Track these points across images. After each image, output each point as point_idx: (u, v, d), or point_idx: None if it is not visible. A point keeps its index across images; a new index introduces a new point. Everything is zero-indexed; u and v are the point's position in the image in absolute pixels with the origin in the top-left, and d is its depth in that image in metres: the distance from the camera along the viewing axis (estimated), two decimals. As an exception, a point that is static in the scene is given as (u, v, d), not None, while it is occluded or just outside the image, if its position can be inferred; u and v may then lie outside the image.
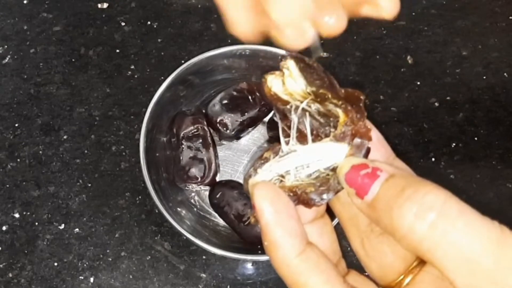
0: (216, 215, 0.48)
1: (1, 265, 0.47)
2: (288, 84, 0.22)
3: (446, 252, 0.17)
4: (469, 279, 0.17)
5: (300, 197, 0.21)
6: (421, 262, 0.22)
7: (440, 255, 0.17)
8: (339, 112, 0.21)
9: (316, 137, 0.21)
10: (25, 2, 0.58)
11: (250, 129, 0.50)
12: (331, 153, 0.21)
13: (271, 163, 0.21)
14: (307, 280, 0.19)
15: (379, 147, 0.23)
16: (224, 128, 0.48)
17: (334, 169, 0.21)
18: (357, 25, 0.57)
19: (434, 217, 0.17)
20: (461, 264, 0.17)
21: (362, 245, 0.22)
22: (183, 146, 0.47)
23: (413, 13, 0.58)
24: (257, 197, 0.20)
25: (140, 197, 0.50)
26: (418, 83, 0.55)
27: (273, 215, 0.19)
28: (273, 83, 0.22)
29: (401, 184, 0.18)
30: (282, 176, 0.21)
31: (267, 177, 0.21)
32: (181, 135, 0.47)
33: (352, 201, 0.20)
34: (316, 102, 0.21)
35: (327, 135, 0.21)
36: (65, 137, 0.52)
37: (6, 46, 0.56)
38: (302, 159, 0.21)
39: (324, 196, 0.21)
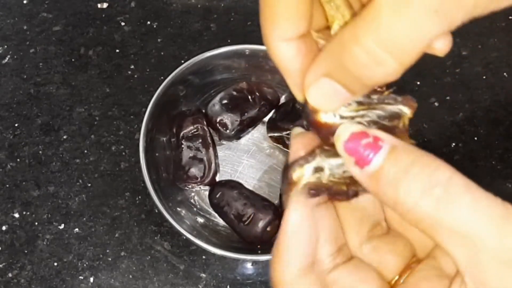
0: (216, 215, 0.48)
1: (1, 265, 0.47)
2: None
3: (451, 228, 0.17)
4: (473, 257, 0.16)
5: (332, 192, 0.20)
6: (418, 259, 0.22)
7: (444, 231, 0.17)
8: (402, 108, 0.20)
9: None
10: (25, 2, 0.58)
11: (250, 129, 0.50)
12: None
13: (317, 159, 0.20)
14: None
15: None
16: (224, 128, 0.48)
17: None
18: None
19: (441, 193, 0.17)
20: (465, 241, 0.16)
21: (361, 247, 0.22)
22: (183, 146, 0.47)
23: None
24: (290, 210, 0.20)
25: (140, 197, 0.50)
26: (418, 83, 0.55)
27: (294, 229, 0.20)
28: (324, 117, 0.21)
29: (407, 159, 0.18)
30: (321, 170, 0.20)
31: (310, 171, 0.20)
32: (181, 135, 0.47)
33: (349, 169, 0.19)
34: (371, 109, 0.21)
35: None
36: (65, 137, 0.52)
37: (6, 46, 0.56)
38: (342, 162, 0.21)
39: (354, 193, 0.21)
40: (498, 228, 0.16)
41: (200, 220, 0.48)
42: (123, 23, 0.57)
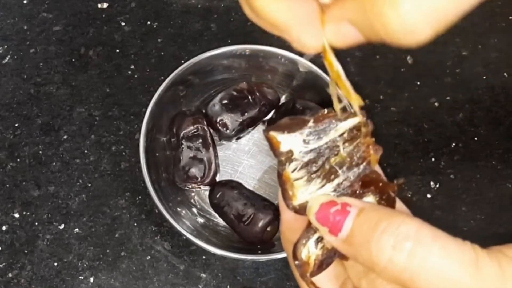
0: (216, 215, 0.48)
1: (1, 265, 0.47)
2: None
3: (427, 277, 0.17)
4: None
5: (340, 253, 0.21)
6: None
7: (422, 281, 0.17)
8: (352, 120, 0.21)
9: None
10: (25, 2, 0.58)
11: (250, 129, 0.50)
12: None
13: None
14: None
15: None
16: (224, 128, 0.48)
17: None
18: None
19: (411, 246, 0.17)
20: (442, 285, 0.17)
21: (360, 282, 0.23)
22: (183, 146, 0.47)
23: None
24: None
25: (140, 197, 0.50)
26: (418, 83, 0.55)
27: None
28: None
29: (374, 218, 0.18)
30: (321, 239, 0.21)
31: (313, 245, 0.21)
32: (181, 135, 0.47)
33: (326, 239, 0.20)
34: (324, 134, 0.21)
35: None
36: (65, 137, 0.52)
37: (6, 46, 0.56)
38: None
39: None
40: (470, 269, 0.17)
41: (200, 220, 0.48)
42: (123, 23, 0.57)
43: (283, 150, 0.20)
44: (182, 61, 0.48)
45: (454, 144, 0.53)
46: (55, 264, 0.48)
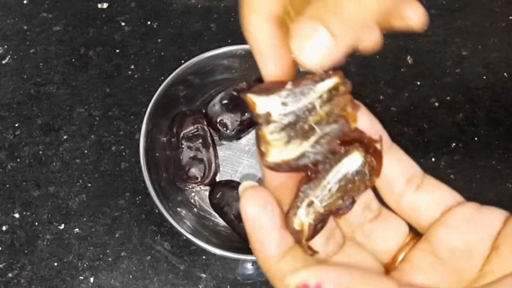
0: (216, 215, 0.48)
1: (1, 265, 0.47)
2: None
3: None
4: None
5: (333, 213, 0.21)
6: (412, 239, 0.23)
7: None
8: (330, 80, 0.21)
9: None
10: (25, 2, 0.58)
11: (250, 129, 0.50)
12: (348, 166, 0.21)
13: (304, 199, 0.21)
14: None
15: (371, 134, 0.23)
16: (224, 128, 0.48)
17: (352, 178, 0.21)
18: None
19: None
20: None
21: (353, 234, 0.23)
22: (183, 146, 0.47)
23: (413, 13, 0.58)
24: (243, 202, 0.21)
25: (140, 197, 0.50)
26: (418, 83, 0.55)
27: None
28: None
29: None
30: (311, 204, 0.21)
31: (305, 213, 0.21)
32: (181, 135, 0.47)
33: None
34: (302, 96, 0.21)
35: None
36: (65, 137, 0.52)
37: (6, 46, 0.56)
38: (327, 185, 0.21)
39: (350, 202, 0.21)
40: None
41: (200, 220, 0.48)
42: (123, 23, 0.57)
43: (260, 112, 0.20)
44: (182, 61, 0.48)
45: (454, 144, 0.53)
46: (55, 264, 0.48)
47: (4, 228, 0.49)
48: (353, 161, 0.21)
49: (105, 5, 0.58)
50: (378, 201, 0.23)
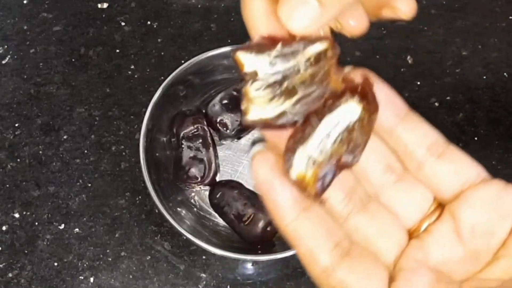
0: (216, 215, 0.48)
1: (1, 265, 0.47)
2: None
3: None
4: None
5: (338, 164, 0.21)
6: (437, 208, 0.22)
7: None
8: (318, 45, 0.21)
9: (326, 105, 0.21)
10: (25, 2, 0.58)
11: (250, 129, 0.50)
12: (344, 115, 0.21)
13: (303, 148, 0.21)
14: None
15: (387, 103, 0.23)
16: (224, 128, 0.48)
17: (352, 127, 0.21)
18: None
19: None
20: None
21: (378, 195, 0.22)
22: (183, 146, 0.47)
23: (413, 13, 0.58)
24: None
25: (140, 197, 0.50)
26: (418, 83, 0.55)
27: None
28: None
29: None
30: (305, 154, 0.21)
31: (302, 163, 0.21)
32: (181, 135, 0.47)
33: None
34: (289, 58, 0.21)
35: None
36: (65, 137, 0.52)
37: (6, 46, 0.56)
38: (322, 133, 0.21)
39: (356, 152, 0.21)
40: None
41: (200, 220, 0.48)
42: (123, 23, 0.57)
43: (247, 70, 0.21)
44: (182, 61, 0.48)
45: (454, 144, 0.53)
46: (55, 264, 0.48)
47: (4, 228, 0.49)
48: (350, 109, 0.21)
49: (105, 5, 0.58)
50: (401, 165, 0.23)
